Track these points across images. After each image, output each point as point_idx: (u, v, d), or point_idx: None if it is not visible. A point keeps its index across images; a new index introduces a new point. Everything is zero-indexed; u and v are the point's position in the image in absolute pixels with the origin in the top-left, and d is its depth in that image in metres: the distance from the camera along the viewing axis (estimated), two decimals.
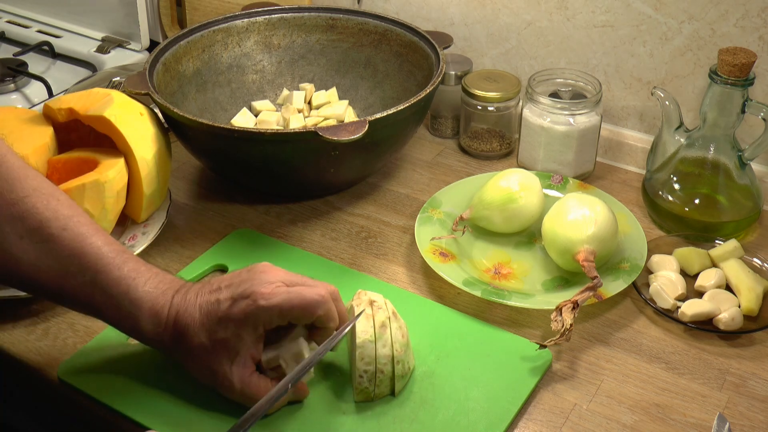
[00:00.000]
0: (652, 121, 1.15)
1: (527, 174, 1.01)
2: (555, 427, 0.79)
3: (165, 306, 0.76)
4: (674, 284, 0.92)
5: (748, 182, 1.01)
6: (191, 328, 0.75)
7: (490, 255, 0.99)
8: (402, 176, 1.14)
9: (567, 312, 0.84)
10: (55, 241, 0.74)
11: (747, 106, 0.97)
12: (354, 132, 0.92)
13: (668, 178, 1.03)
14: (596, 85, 1.10)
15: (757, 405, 0.81)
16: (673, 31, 1.08)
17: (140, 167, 0.95)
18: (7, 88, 1.33)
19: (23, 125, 0.98)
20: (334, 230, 1.04)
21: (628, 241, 0.97)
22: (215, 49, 1.18)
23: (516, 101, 1.16)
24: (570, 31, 1.16)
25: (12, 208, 0.73)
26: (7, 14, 1.55)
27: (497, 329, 0.88)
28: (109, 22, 1.45)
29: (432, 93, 1.04)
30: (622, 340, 0.88)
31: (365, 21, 1.20)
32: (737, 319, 0.87)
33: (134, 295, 0.75)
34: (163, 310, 0.76)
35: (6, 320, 0.90)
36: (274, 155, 0.99)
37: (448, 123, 1.22)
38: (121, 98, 0.99)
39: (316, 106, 1.19)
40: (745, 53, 0.94)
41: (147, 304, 0.75)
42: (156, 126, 1.00)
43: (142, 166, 0.96)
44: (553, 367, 0.85)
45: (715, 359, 0.86)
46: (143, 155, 0.96)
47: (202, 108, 1.16)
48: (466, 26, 1.24)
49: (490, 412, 0.78)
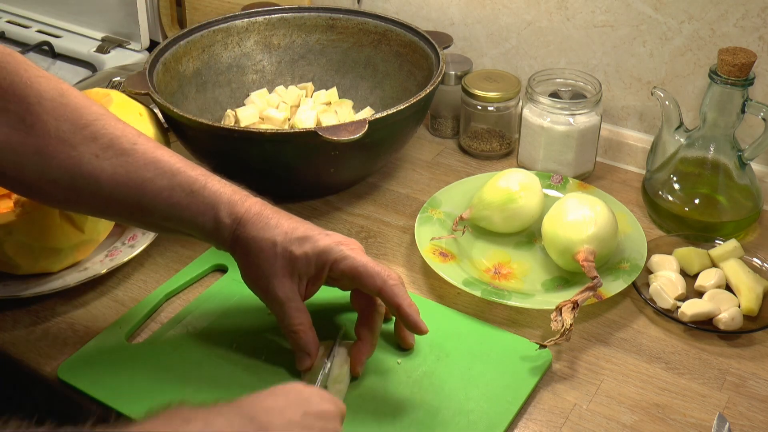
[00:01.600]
0: (652, 121, 1.15)
1: (527, 174, 1.01)
2: (555, 427, 0.79)
3: (244, 198, 0.80)
4: (674, 284, 0.92)
5: (748, 182, 1.01)
6: (270, 226, 0.78)
7: (490, 255, 0.99)
8: (402, 176, 1.14)
9: (567, 312, 0.84)
10: (129, 154, 0.78)
11: (747, 106, 0.97)
12: (354, 132, 0.92)
13: (668, 178, 1.03)
14: (596, 85, 1.10)
15: (757, 405, 0.81)
16: (673, 31, 1.08)
17: None
18: None
19: None
20: (334, 230, 1.03)
21: (628, 241, 0.97)
22: (215, 49, 1.18)
23: (516, 101, 1.16)
24: (570, 31, 1.16)
25: (84, 131, 0.78)
26: (7, 14, 1.55)
27: (497, 329, 0.88)
28: (109, 22, 1.45)
29: (432, 93, 1.04)
30: (622, 340, 0.88)
31: (365, 21, 1.20)
32: (737, 319, 0.87)
33: (213, 188, 0.79)
34: (242, 200, 0.80)
35: (6, 320, 0.90)
36: (274, 155, 0.99)
37: (448, 123, 1.22)
38: (120, 98, 0.99)
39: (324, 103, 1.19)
40: (745, 53, 0.94)
41: (226, 195, 0.79)
42: (155, 126, 1.00)
43: None
44: (553, 367, 0.85)
45: (715, 359, 0.86)
46: None
47: (202, 108, 1.16)
48: (466, 26, 1.24)
49: (490, 412, 0.78)
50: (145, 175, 0.78)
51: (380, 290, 0.78)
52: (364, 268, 0.78)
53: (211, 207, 0.79)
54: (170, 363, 0.82)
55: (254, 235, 0.78)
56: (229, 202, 0.79)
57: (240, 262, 0.80)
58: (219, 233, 0.79)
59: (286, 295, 0.78)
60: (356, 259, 0.78)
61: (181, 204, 0.78)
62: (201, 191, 0.79)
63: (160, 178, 0.78)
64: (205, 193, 0.79)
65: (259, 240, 0.78)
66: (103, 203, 0.80)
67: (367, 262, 0.78)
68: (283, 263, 0.78)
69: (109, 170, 0.77)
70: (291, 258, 0.78)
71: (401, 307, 0.78)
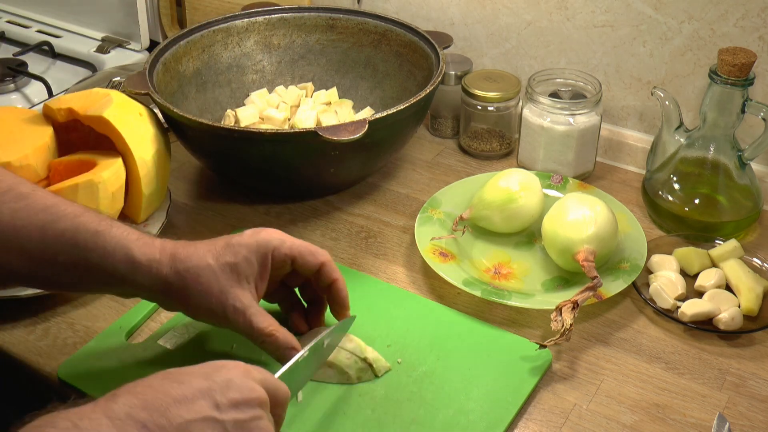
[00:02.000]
0: (652, 121, 1.15)
1: (527, 174, 1.01)
2: (555, 427, 0.79)
3: (153, 239, 0.75)
4: (674, 284, 0.92)
5: (748, 182, 1.01)
6: (195, 254, 0.75)
7: (490, 255, 0.99)
8: (402, 176, 1.14)
9: (567, 312, 0.84)
10: (27, 198, 0.74)
11: (747, 106, 0.97)
12: (354, 132, 0.92)
13: (668, 178, 1.03)
14: (596, 85, 1.10)
15: (757, 405, 0.81)
16: (673, 31, 1.08)
17: (139, 168, 0.95)
18: (7, 88, 1.33)
19: (23, 125, 0.98)
20: (334, 230, 1.04)
21: (628, 241, 0.97)
22: (215, 49, 1.18)
23: (516, 101, 1.16)
24: (570, 31, 1.16)
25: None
26: (7, 14, 1.55)
27: (497, 329, 0.88)
28: (109, 22, 1.45)
29: (432, 93, 1.04)
30: (622, 340, 0.88)
31: (365, 21, 1.20)
32: (737, 319, 0.87)
33: (120, 229, 0.75)
34: (152, 241, 0.75)
35: (6, 320, 0.90)
36: (274, 155, 0.99)
37: (448, 123, 1.22)
38: (120, 98, 0.99)
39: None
40: (745, 53, 0.94)
41: (134, 235, 0.75)
42: (155, 126, 1.00)
43: (141, 166, 0.96)
44: (553, 367, 0.85)
45: (715, 359, 0.86)
46: (142, 156, 0.96)
47: (202, 108, 1.16)
48: (466, 26, 1.24)
49: (490, 412, 0.78)
50: (45, 219, 0.73)
51: (323, 264, 0.78)
52: (304, 248, 0.78)
53: (121, 247, 0.74)
54: (170, 363, 0.82)
55: (185, 267, 0.74)
56: (139, 242, 0.75)
57: (179, 297, 0.75)
58: (134, 275, 0.74)
59: (246, 303, 0.75)
60: (293, 241, 0.78)
61: (87, 245, 0.73)
62: (108, 231, 0.74)
63: (62, 220, 0.74)
64: (113, 232, 0.74)
65: (192, 269, 0.74)
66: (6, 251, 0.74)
67: (302, 241, 0.78)
68: (227, 276, 0.75)
69: (7, 216, 0.73)
70: (232, 267, 0.75)
71: (338, 280, 0.79)
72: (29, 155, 0.93)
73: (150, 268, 0.74)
